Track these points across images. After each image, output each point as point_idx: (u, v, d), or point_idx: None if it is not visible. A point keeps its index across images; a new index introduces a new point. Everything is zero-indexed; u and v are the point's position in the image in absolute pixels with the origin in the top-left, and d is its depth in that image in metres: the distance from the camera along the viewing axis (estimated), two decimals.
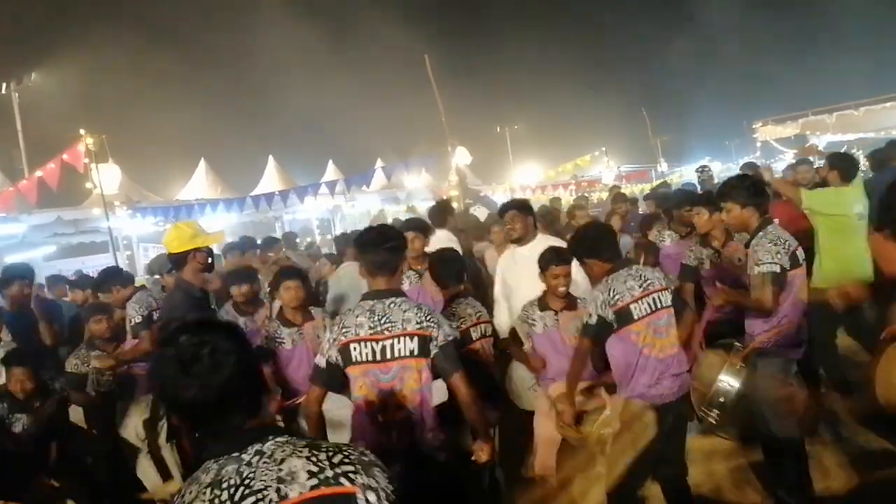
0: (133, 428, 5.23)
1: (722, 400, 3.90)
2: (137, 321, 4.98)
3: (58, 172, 11.85)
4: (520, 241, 5.03)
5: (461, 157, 14.50)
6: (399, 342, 3.13)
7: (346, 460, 1.54)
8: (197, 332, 1.61)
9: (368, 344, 3.14)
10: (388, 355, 3.13)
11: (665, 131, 32.27)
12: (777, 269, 3.88)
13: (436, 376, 3.26)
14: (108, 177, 11.76)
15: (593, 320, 3.72)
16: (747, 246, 4.14)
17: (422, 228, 5.52)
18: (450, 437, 3.38)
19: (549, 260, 4.40)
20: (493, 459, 3.33)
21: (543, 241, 5.05)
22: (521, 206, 5.17)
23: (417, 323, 3.15)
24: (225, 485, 1.49)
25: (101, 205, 12.08)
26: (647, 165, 31.00)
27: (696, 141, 31.37)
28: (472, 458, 3.26)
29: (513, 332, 4.64)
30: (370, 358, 3.14)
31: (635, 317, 3.65)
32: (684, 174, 27.13)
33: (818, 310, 4.97)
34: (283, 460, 1.52)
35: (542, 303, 4.47)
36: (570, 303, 4.42)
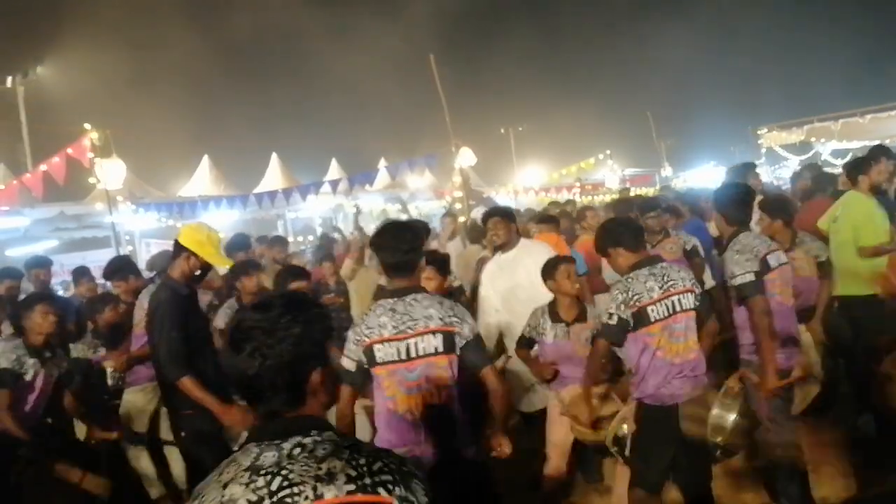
0: (137, 418, 5.27)
1: (719, 440, 3.83)
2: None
3: (63, 167, 11.84)
4: (503, 247, 5.09)
5: (465, 158, 14.46)
6: (423, 340, 3.11)
7: (386, 469, 1.49)
8: (261, 315, 1.63)
9: (393, 344, 3.12)
10: (413, 354, 3.11)
11: (669, 135, 32.21)
12: (752, 276, 3.88)
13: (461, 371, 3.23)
14: (112, 172, 11.75)
15: (613, 321, 3.67)
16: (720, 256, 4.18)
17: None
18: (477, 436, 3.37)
19: (556, 262, 4.39)
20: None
21: (526, 247, 5.14)
22: (505, 213, 5.29)
23: (440, 319, 3.13)
24: (263, 472, 1.48)
25: (105, 200, 12.08)
26: (651, 169, 30.90)
27: (701, 145, 31.28)
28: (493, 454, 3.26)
29: (520, 339, 4.62)
30: (395, 358, 3.12)
31: (652, 319, 3.60)
32: (688, 179, 27.07)
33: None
34: (323, 458, 1.49)
35: (553, 313, 4.41)
36: (582, 313, 4.39)
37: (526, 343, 4.55)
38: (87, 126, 11.48)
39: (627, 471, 4.01)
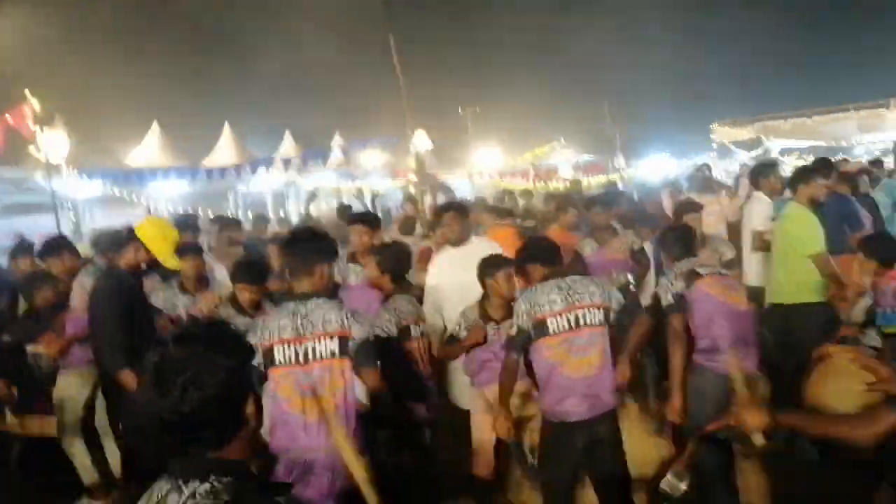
0: (72, 403, 5.13)
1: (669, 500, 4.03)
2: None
3: (1, 135, 11.36)
4: (456, 242, 5.12)
5: (421, 142, 14.37)
6: (320, 343, 3.18)
7: None
8: (188, 348, 1.56)
9: (291, 346, 3.18)
10: (311, 357, 3.18)
11: (624, 122, 32.53)
12: (671, 299, 4.17)
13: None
14: (54, 144, 11.31)
15: (514, 331, 3.73)
16: None
17: (370, 222, 5.49)
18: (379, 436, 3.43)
19: (500, 263, 4.38)
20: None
21: (479, 245, 5.17)
22: (460, 208, 5.37)
23: (338, 323, 3.21)
24: None
25: (45, 166, 11.65)
26: (604, 157, 31.12)
27: (654, 136, 31.50)
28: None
29: (449, 337, 4.63)
30: (293, 360, 3.17)
31: (550, 331, 3.63)
32: (641, 170, 27.39)
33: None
34: None
35: (483, 311, 4.44)
36: (510, 313, 4.42)
37: (453, 341, 4.58)
38: (26, 92, 10.96)
39: None
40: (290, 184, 19.32)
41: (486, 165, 24.33)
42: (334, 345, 3.19)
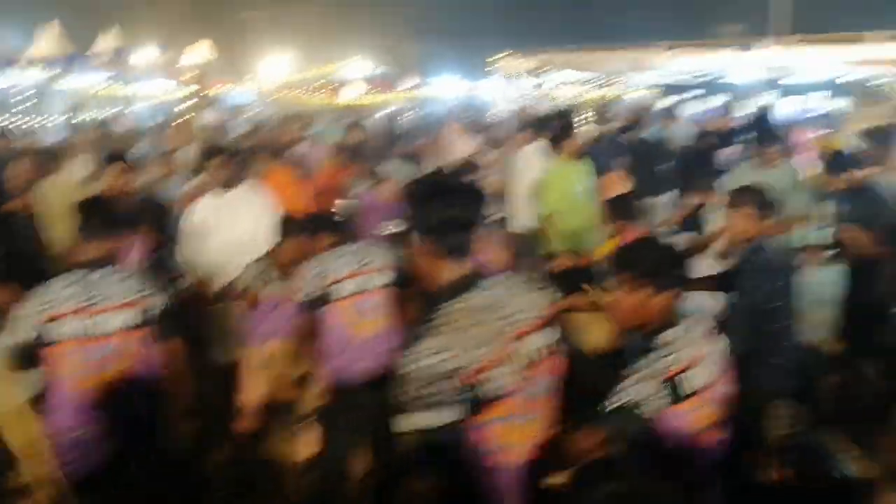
0: None
1: None
2: None
3: None
4: (223, 187, 5.05)
5: (200, 54, 13.36)
6: (114, 316, 3.01)
7: None
8: None
9: (78, 319, 2.96)
10: (102, 330, 2.99)
11: (416, 43, 32.44)
12: None
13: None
14: None
15: (302, 297, 3.70)
16: None
17: (127, 161, 5.16)
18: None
19: (291, 230, 4.29)
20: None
21: (247, 191, 5.21)
22: (229, 152, 5.36)
23: (136, 292, 3.08)
24: None
25: None
26: (398, 72, 30.80)
27: (443, 58, 31.56)
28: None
29: (241, 290, 4.49)
30: (81, 333, 2.96)
31: (339, 295, 3.69)
32: (428, 90, 27.59)
33: None
34: None
35: (277, 264, 4.36)
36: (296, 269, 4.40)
37: (244, 293, 4.47)
38: None
39: None
40: (47, 87, 17.00)
41: (274, 77, 23.16)
42: (129, 316, 3.04)
